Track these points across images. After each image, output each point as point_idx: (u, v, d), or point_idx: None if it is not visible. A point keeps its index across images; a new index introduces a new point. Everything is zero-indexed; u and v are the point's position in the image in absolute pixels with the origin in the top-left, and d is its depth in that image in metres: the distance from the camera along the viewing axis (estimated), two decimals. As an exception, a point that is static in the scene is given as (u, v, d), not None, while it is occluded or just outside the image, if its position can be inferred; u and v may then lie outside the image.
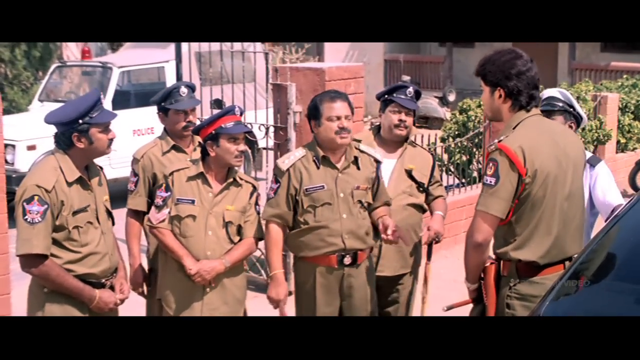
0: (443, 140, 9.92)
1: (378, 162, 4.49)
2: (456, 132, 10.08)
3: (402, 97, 4.81)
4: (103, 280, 4.06)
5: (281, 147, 7.02)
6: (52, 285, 3.88)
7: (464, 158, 9.73)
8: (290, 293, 4.51)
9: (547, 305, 3.19)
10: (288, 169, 4.37)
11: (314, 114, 4.38)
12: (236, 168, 4.42)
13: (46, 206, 3.79)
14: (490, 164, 3.58)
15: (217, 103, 7.61)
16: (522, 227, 3.62)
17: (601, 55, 17.69)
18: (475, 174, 9.83)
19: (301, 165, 4.36)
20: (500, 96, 3.68)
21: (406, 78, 17.38)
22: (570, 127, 4.71)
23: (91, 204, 4.00)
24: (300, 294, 4.47)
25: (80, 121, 3.89)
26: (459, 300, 4.06)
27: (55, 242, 3.86)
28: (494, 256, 3.80)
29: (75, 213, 3.90)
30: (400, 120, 4.78)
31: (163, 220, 4.32)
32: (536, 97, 3.72)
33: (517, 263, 3.65)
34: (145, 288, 4.82)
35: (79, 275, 3.93)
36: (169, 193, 4.32)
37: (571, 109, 4.72)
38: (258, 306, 5.31)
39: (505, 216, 3.59)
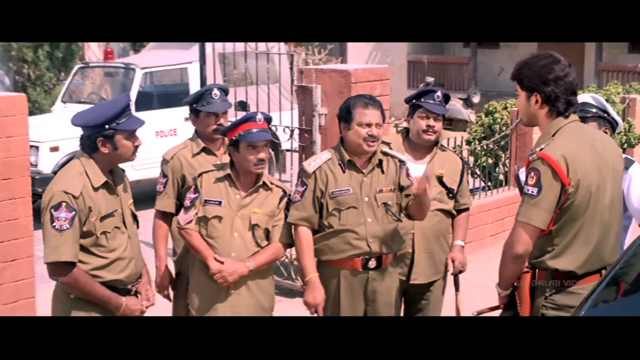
0: (469, 142, 9.79)
1: (402, 162, 4.40)
2: (482, 135, 9.95)
3: (430, 101, 4.73)
4: (129, 286, 4.00)
5: (306, 150, 6.94)
6: (79, 293, 3.82)
7: (490, 161, 9.60)
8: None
9: (585, 313, 3.12)
10: (314, 172, 4.32)
11: (345, 116, 4.31)
12: (265, 172, 4.38)
13: (74, 213, 3.72)
14: (532, 174, 3.47)
15: (242, 105, 7.52)
16: (561, 237, 3.52)
17: (629, 56, 17.49)
18: (501, 177, 9.70)
19: (327, 168, 4.31)
20: (536, 102, 3.57)
21: (430, 79, 17.26)
22: (606, 132, 4.60)
23: (118, 209, 3.94)
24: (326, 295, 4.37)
25: (107, 126, 3.82)
26: (488, 305, 4.00)
27: (83, 248, 3.80)
28: (527, 264, 3.70)
29: (102, 218, 3.84)
30: (428, 125, 4.71)
31: (190, 221, 4.29)
32: (574, 103, 3.60)
33: (553, 272, 3.56)
34: (171, 291, 4.77)
35: (106, 282, 3.86)
36: (197, 194, 4.29)
37: (605, 115, 4.60)
38: (281, 311, 5.20)
39: (547, 227, 3.49)
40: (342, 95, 6.67)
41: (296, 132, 7.01)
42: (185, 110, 10.26)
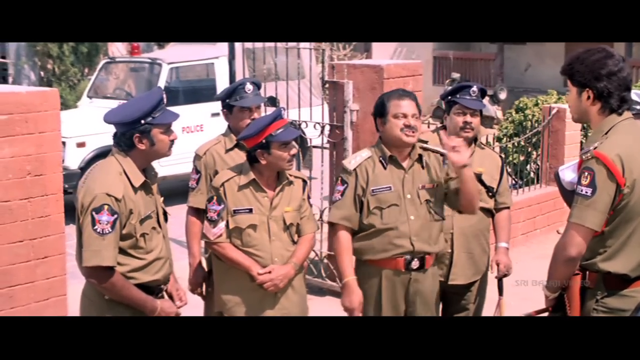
0: (499, 139, 9.66)
1: (443, 155, 4.24)
2: (512, 132, 9.82)
3: (467, 97, 4.65)
4: (162, 286, 3.93)
5: (337, 146, 6.86)
6: (116, 297, 3.74)
7: (521, 158, 9.47)
8: None
9: None
10: (355, 169, 4.23)
11: (380, 111, 4.22)
12: None
13: (116, 216, 3.64)
14: (586, 173, 3.36)
15: (271, 101, 7.42)
16: (614, 239, 3.41)
17: (658, 52, 17.27)
18: (532, 174, 9.57)
19: (368, 166, 4.22)
20: (588, 97, 3.46)
21: (456, 75, 17.09)
22: None
23: (154, 209, 3.87)
24: (364, 299, 4.26)
25: (143, 121, 3.72)
26: (535, 309, 3.83)
27: (121, 250, 3.71)
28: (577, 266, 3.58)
29: (142, 220, 3.76)
30: (465, 122, 4.63)
31: (221, 235, 4.20)
32: (628, 99, 3.47)
33: (605, 275, 3.44)
34: (204, 288, 4.69)
35: (142, 283, 3.79)
36: (222, 205, 4.18)
37: None
38: (312, 310, 5.07)
39: (600, 229, 3.39)
40: (375, 91, 6.59)
41: (327, 128, 6.93)
42: (212, 106, 10.34)
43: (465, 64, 19.27)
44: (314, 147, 7.62)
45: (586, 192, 3.34)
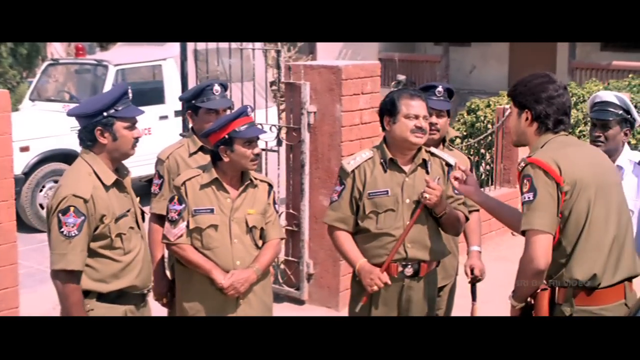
0: (451, 140, 9.61)
1: (450, 165, 4.16)
2: (464, 133, 9.80)
3: (433, 98, 4.55)
4: (144, 291, 3.81)
5: (294, 149, 6.72)
6: (65, 304, 3.59)
7: (474, 159, 9.44)
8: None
9: None
10: (353, 171, 4.12)
11: (389, 109, 4.09)
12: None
13: (83, 218, 3.53)
14: (525, 181, 3.40)
15: (226, 102, 7.25)
16: (570, 244, 3.38)
17: (601, 54, 17.47)
18: (484, 176, 9.56)
19: (367, 167, 4.11)
20: (527, 119, 3.54)
21: (401, 77, 17.14)
22: (626, 134, 4.47)
23: (131, 208, 3.75)
24: (356, 303, 4.16)
25: (105, 113, 3.62)
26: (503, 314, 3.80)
27: (96, 253, 3.61)
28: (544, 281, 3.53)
29: (117, 219, 3.65)
30: (430, 123, 4.47)
31: (181, 235, 4.08)
32: (566, 123, 3.55)
33: (574, 290, 3.39)
34: (168, 298, 4.55)
35: (119, 290, 3.65)
36: (183, 205, 4.08)
37: (628, 116, 4.44)
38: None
39: (554, 231, 3.35)
40: (332, 93, 6.49)
41: (280, 130, 6.83)
42: (160, 109, 10.09)
43: (411, 66, 19.32)
44: (264, 150, 7.44)
45: (528, 198, 3.36)
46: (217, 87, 4.48)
